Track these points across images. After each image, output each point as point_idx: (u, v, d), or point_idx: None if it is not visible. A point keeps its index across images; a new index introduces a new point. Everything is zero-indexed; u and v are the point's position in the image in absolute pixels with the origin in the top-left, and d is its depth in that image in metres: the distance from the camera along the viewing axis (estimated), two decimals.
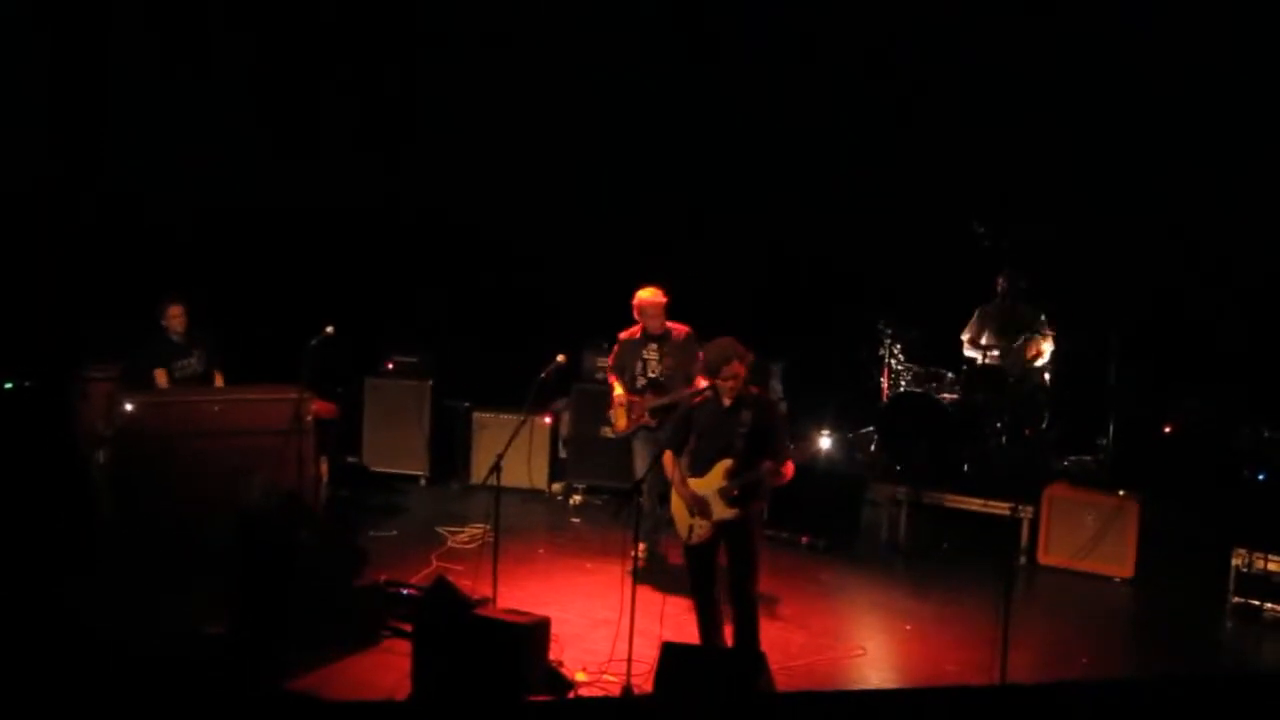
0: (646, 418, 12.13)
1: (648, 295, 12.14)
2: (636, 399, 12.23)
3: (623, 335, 12.45)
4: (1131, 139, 14.25)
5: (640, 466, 12.09)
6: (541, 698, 9.05)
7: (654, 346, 12.23)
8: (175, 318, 12.63)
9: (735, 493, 9.35)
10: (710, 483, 9.43)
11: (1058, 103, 14.50)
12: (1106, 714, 8.24)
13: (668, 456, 9.72)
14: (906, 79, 15.09)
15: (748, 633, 9.46)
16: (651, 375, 12.22)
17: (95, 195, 14.48)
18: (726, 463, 9.37)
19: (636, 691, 9.06)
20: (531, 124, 16.09)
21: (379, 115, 16.17)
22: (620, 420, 12.34)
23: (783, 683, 9.36)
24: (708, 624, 9.58)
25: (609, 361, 12.63)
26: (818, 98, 15.42)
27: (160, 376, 12.48)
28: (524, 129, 16.12)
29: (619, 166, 15.88)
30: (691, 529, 9.54)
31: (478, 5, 16.13)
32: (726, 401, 9.48)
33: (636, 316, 12.23)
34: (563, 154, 16.04)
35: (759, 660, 8.82)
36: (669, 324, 12.19)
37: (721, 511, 9.40)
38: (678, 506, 9.64)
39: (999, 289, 13.96)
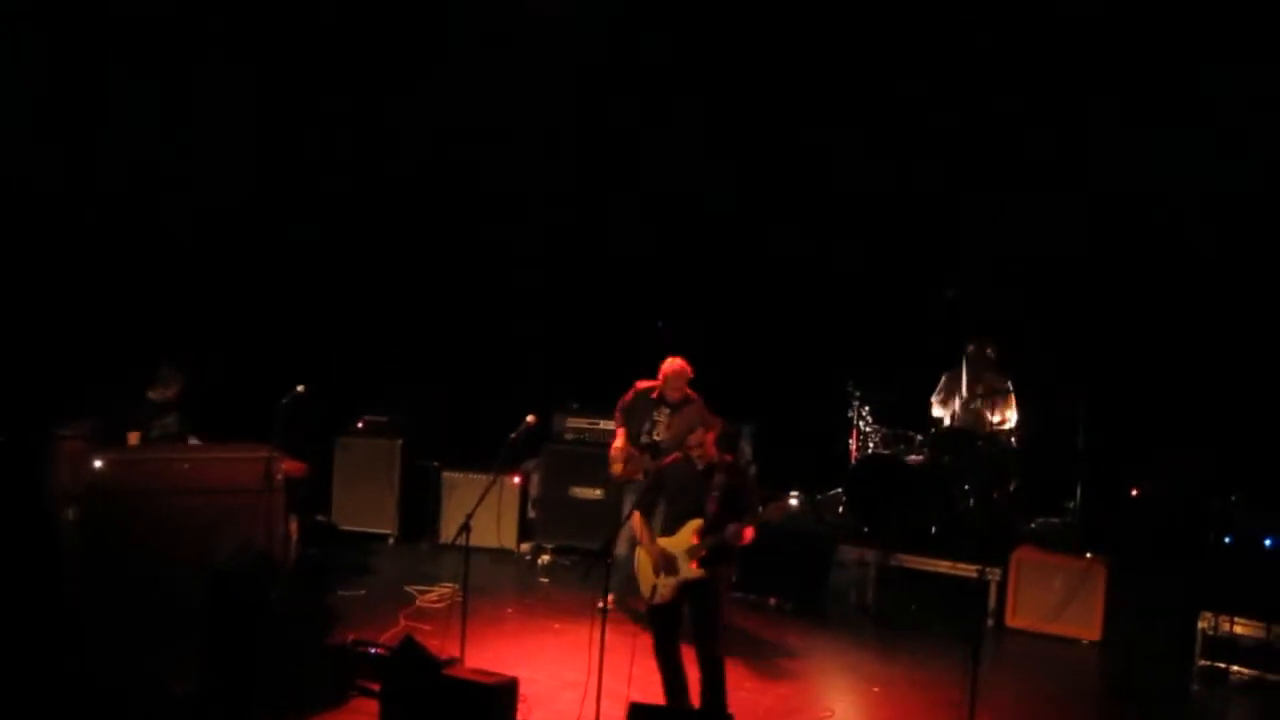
0: (640, 475, 12.22)
1: (675, 366, 12.34)
2: (635, 453, 12.33)
3: (641, 385, 12.59)
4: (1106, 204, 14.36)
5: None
6: None
7: (666, 411, 12.35)
8: (171, 391, 12.60)
9: (704, 553, 9.39)
10: (680, 542, 9.49)
11: (1026, 171, 14.59)
12: None
13: (636, 517, 9.76)
14: (885, 140, 15.17)
15: (714, 694, 9.49)
16: (656, 438, 12.31)
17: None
18: (696, 522, 9.45)
19: None
20: (498, 180, 16.16)
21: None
22: (617, 467, 12.43)
23: None
24: (672, 684, 9.60)
25: (620, 402, 12.69)
26: (788, 159, 15.51)
27: (132, 439, 12.42)
28: (489, 189, 16.20)
29: (591, 230, 15.94)
30: (655, 589, 9.58)
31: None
32: (700, 465, 9.55)
33: (660, 379, 12.35)
34: (533, 214, 16.09)
35: None
36: (688, 391, 12.30)
37: (688, 572, 9.45)
38: (643, 566, 9.69)
39: (968, 353, 14.02)
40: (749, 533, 9.52)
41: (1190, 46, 13.73)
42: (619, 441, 12.53)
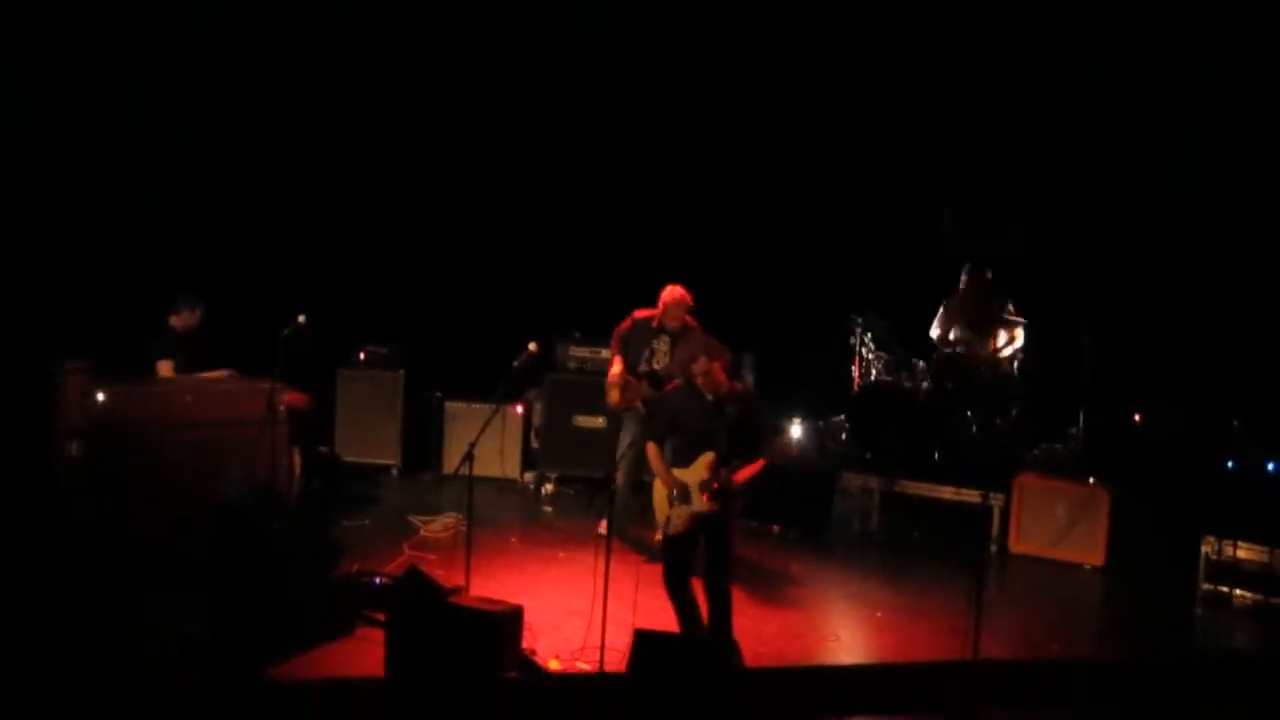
0: (639, 405, 12.20)
1: (675, 294, 12.28)
2: (633, 380, 12.30)
3: (639, 314, 12.54)
4: (1106, 129, 14.28)
5: (624, 445, 12.19)
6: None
7: (666, 339, 12.33)
8: (193, 315, 12.58)
9: (716, 486, 9.39)
10: (693, 474, 9.51)
11: (1030, 95, 14.52)
12: (1077, 690, 8.34)
13: (651, 447, 9.77)
14: (884, 72, 15.08)
15: (721, 622, 9.53)
16: (655, 366, 12.29)
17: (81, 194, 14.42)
18: (709, 456, 9.45)
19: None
20: (509, 113, 16.06)
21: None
22: (614, 395, 12.40)
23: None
24: (684, 614, 9.62)
25: (617, 330, 12.67)
26: (786, 88, 15.42)
27: (165, 368, 12.40)
28: (501, 119, 16.11)
29: (594, 158, 15.86)
30: (669, 519, 9.59)
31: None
32: (710, 396, 9.54)
33: (659, 308, 12.31)
34: (539, 143, 16.01)
35: (731, 646, 8.87)
36: (688, 319, 12.27)
37: (701, 504, 9.46)
38: (659, 496, 9.70)
39: (963, 283, 13.98)
40: (760, 465, 9.54)
41: None
42: (615, 369, 12.51)
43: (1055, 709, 8.82)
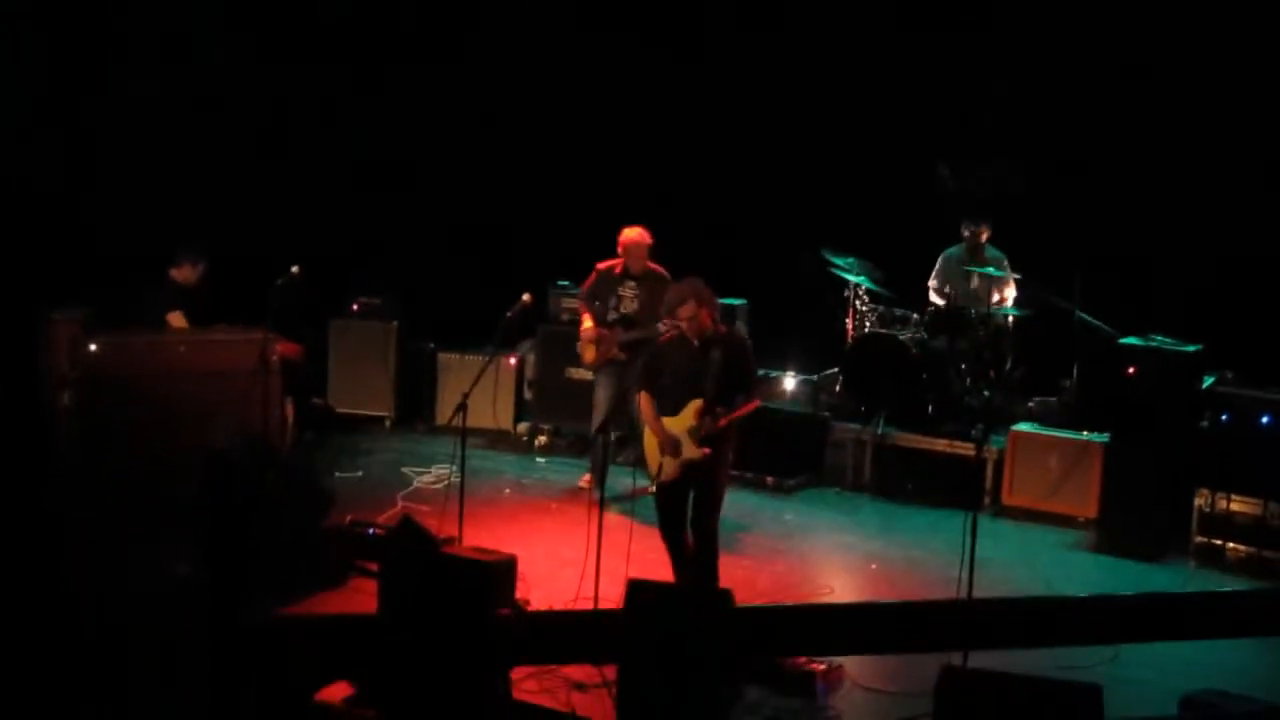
0: (616, 352, 12.21)
1: (634, 235, 12.27)
2: (606, 332, 12.28)
3: (601, 266, 12.53)
4: (1102, 79, 14.20)
5: (602, 400, 12.21)
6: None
7: (632, 285, 12.33)
8: (195, 270, 12.53)
9: (704, 432, 9.38)
10: (681, 422, 9.49)
11: (1025, 41, 14.42)
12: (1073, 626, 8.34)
13: (643, 397, 9.75)
14: (878, 18, 14.99)
15: (707, 568, 9.58)
16: (625, 311, 12.27)
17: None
18: (697, 403, 9.43)
19: None
20: (502, 61, 15.99)
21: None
22: (589, 353, 12.42)
23: None
24: (679, 562, 9.64)
25: (582, 289, 12.63)
26: (781, 33, 15.34)
27: (177, 319, 12.35)
28: (495, 67, 16.04)
29: (587, 106, 15.79)
30: (661, 467, 9.57)
31: None
32: (696, 341, 9.51)
33: (620, 253, 12.30)
34: (532, 94, 15.94)
35: (725, 595, 8.86)
36: (650, 265, 12.25)
37: (691, 451, 9.45)
38: (649, 445, 9.70)
39: (963, 236, 13.96)
40: (751, 407, 9.53)
41: None
42: (586, 324, 12.49)
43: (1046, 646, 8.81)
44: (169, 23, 14.59)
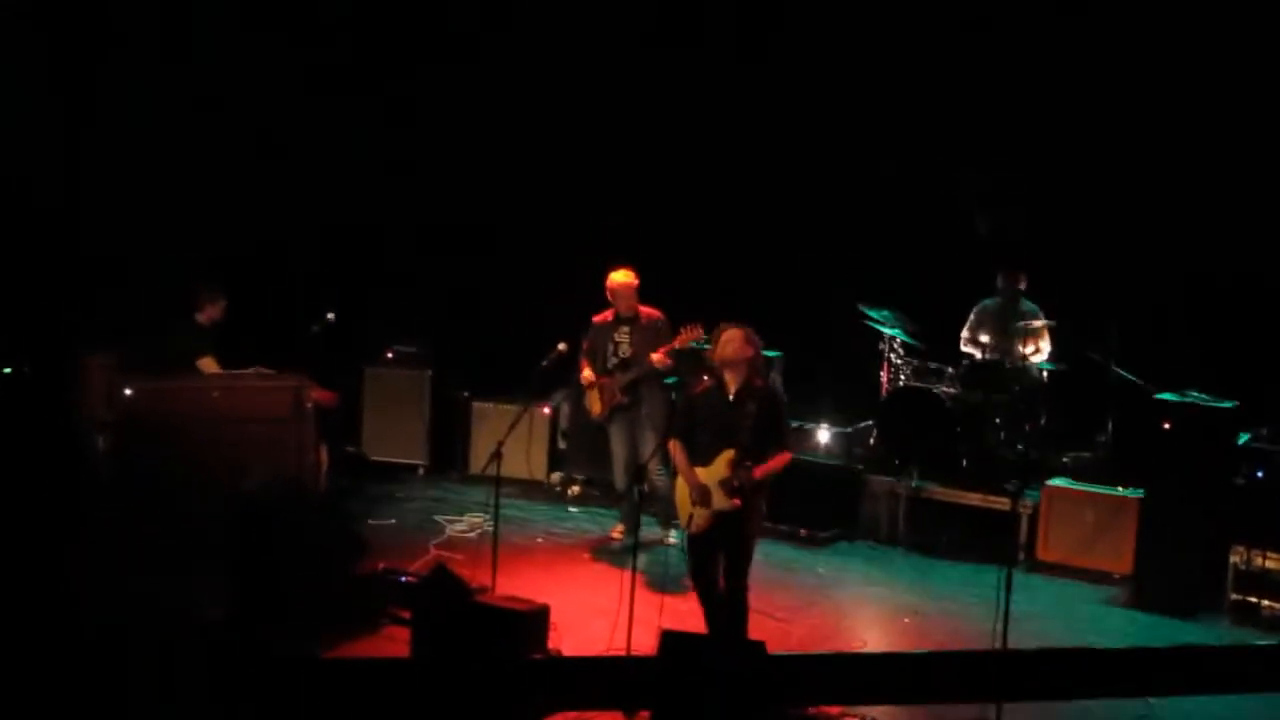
0: (619, 396, 12.21)
1: (620, 278, 12.33)
2: (606, 380, 12.30)
3: (596, 319, 12.58)
4: (1137, 130, 14.16)
5: (619, 453, 12.24)
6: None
7: (625, 330, 12.39)
8: (219, 308, 12.53)
9: (737, 484, 9.35)
10: (714, 472, 9.43)
11: (1065, 90, 14.40)
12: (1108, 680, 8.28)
13: (674, 445, 9.72)
14: (906, 63, 15.00)
15: (738, 617, 9.51)
16: (622, 355, 12.30)
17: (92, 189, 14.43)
18: (730, 453, 9.38)
19: None
20: (533, 110, 16.05)
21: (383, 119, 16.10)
22: (595, 405, 12.43)
23: None
24: (712, 613, 9.59)
25: (583, 345, 12.67)
26: (813, 84, 15.34)
27: (210, 364, 12.34)
28: (520, 122, 16.09)
29: (620, 158, 15.81)
30: (691, 517, 9.54)
31: None
32: (731, 391, 9.49)
33: (609, 299, 12.33)
34: (563, 144, 15.97)
35: (759, 648, 8.82)
36: (640, 307, 12.29)
37: (721, 502, 9.40)
38: (681, 494, 9.64)
39: (999, 286, 13.94)
40: (786, 458, 9.49)
41: None
42: (585, 371, 12.53)
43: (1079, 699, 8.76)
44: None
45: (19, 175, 13.83)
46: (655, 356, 12.01)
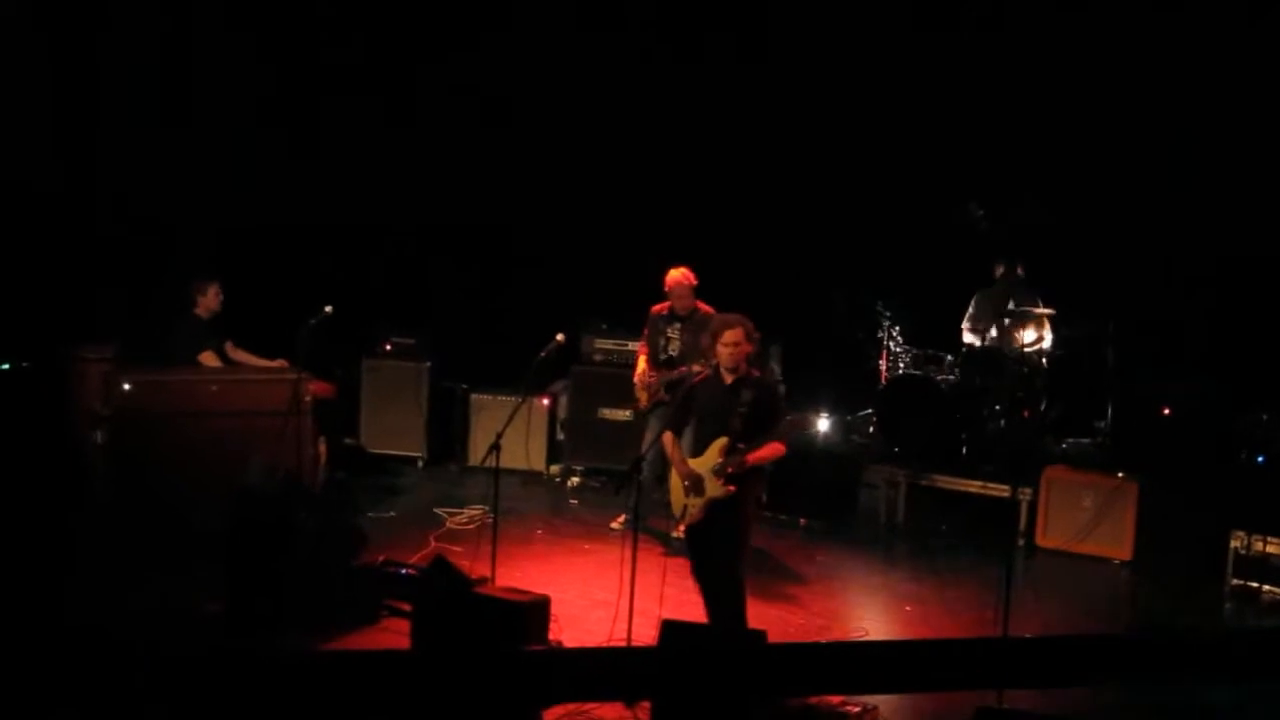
0: (662, 393, 12.18)
1: (677, 275, 12.27)
2: (653, 376, 12.27)
3: (653, 309, 12.53)
4: (1134, 122, 14.16)
5: (647, 443, 12.19)
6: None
7: (677, 326, 12.33)
8: (216, 297, 12.48)
9: (729, 469, 9.31)
10: (706, 461, 9.40)
11: (1059, 84, 14.41)
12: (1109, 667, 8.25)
13: (668, 436, 9.70)
14: (906, 58, 14.99)
15: (734, 606, 9.43)
16: (671, 353, 12.28)
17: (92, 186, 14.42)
18: (722, 441, 9.34)
19: None
20: (529, 104, 16.02)
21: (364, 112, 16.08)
22: (642, 397, 12.39)
23: None
24: (712, 602, 9.56)
25: (644, 332, 12.65)
26: (812, 73, 15.33)
27: (211, 358, 12.33)
28: (521, 110, 16.06)
29: (617, 148, 15.79)
30: (685, 509, 9.50)
31: None
32: (727, 380, 9.46)
33: (667, 294, 12.31)
34: (561, 137, 15.95)
35: (759, 636, 8.81)
36: (697, 304, 12.25)
37: (714, 489, 9.36)
38: (675, 487, 9.60)
39: (996, 275, 13.95)
40: (779, 448, 9.46)
41: None
42: (640, 366, 12.51)
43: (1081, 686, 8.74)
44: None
45: (15, 170, 13.81)
46: (695, 368, 11.97)
